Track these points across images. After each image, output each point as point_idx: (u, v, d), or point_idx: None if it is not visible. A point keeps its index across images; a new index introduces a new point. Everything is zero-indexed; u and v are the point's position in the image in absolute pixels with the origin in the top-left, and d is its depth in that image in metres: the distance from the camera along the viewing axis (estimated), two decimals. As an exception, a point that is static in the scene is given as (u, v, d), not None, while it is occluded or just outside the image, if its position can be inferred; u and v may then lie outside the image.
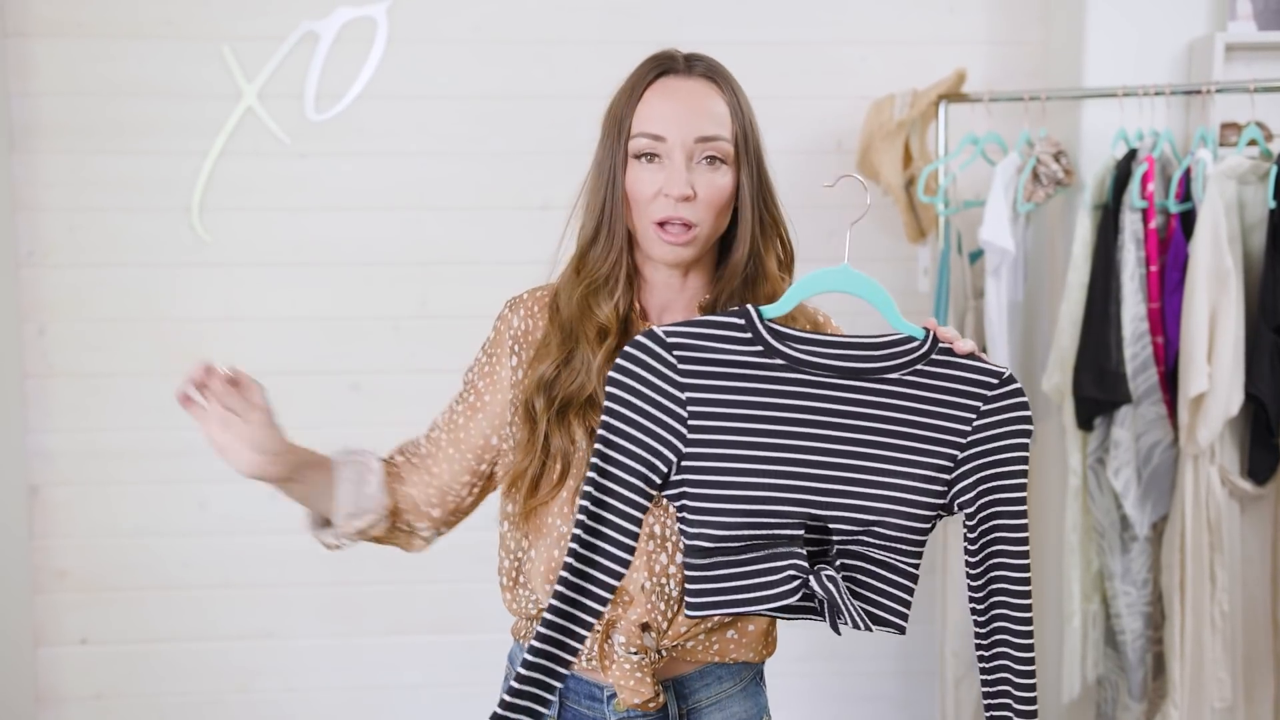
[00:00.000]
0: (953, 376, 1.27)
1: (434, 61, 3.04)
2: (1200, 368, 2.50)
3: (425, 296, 3.07)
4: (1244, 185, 2.58)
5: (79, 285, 3.00)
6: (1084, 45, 2.86)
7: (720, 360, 1.26)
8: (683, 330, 1.26)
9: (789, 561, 1.22)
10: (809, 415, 1.25)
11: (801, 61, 3.08)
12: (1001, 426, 1.26)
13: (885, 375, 1.26)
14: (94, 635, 3.09)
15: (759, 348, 1.26)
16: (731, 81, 1.43)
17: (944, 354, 1.28)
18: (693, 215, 1.37)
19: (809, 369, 1.26)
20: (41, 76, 2.96)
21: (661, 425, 1.25)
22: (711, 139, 1.37)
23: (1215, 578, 2.59)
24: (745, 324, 1.27)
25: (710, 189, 1.37)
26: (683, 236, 1.37)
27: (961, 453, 1.25)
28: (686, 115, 1.37)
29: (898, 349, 1.27)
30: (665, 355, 1.25)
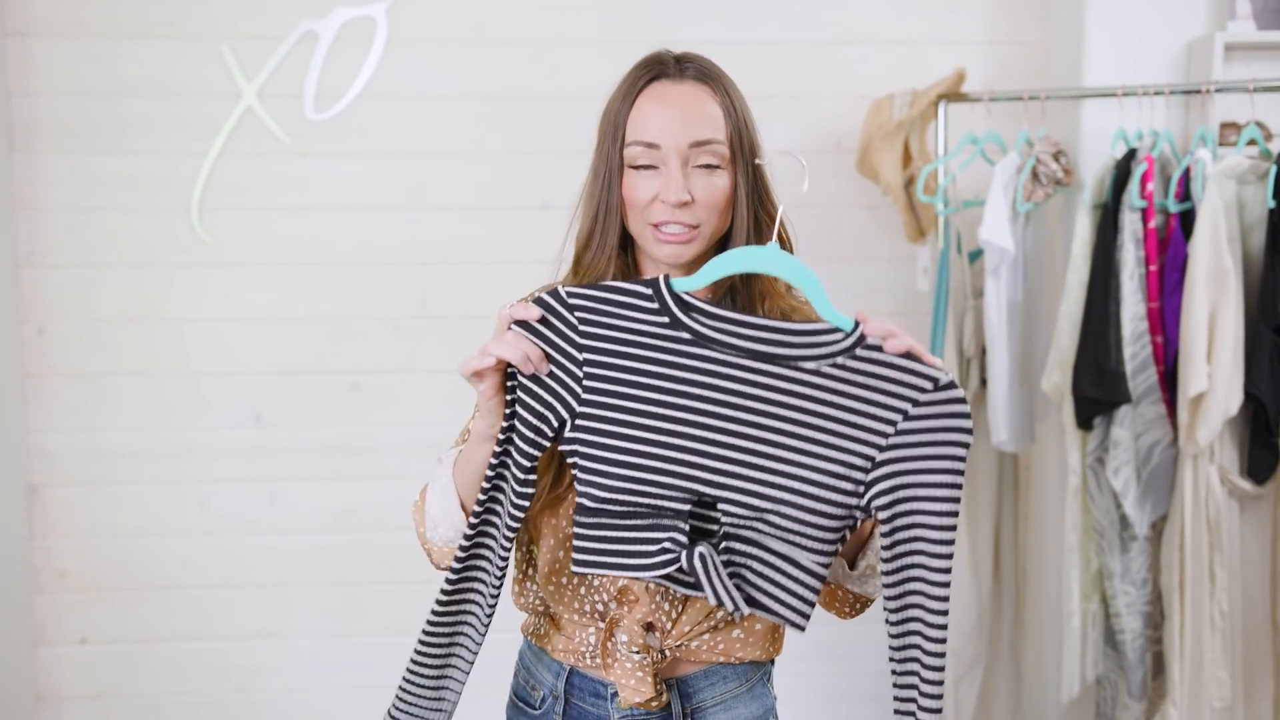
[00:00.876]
0: (879, 375, 1.21)
1: (433, 61, 3.04)
2: (1199, 367, 2.50)
3: (425, 296, 3.07)
4: (1243, 185, 2.58)
5: (78, 285, 3.00)
6: (1083, 45, 2.86)
7: (622, 327, 1.24)
8: (587, 293, 1.25)
9: (668, 534, 1.21)
10: (708, 392, 1.22)
11: (801, 61, 3.09)
12: (932, 433, 1.19)
13: (800, 363, 1.22)
14: (94, 635, 3.09)
15: (665, 319, 1.24)
16: (724, 81, 1.43)
17: (872, 350, 1.22)
18: (693, 219, 1.37)
19: (716, 346, 1.23)
20: (41, 76, 2.96)
21: (557, 381, 1.24)
22: (706, 143, 1.37)
23: (1215, 577, 2.59)
24: (653, 294, 1.25)
25: (709, 192, 1.37)
26: (683, 235, 1.38)
27: (880, 453, 1.20)
28: (680, 121, 1.37)
29: (819, 338, 1.22)
30: (566, 315, 1.25)
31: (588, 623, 1.44)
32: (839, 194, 3.11)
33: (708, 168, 1.38)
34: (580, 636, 1.45)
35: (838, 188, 3.10)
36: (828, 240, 3.14)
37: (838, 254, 3.13)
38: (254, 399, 3.07)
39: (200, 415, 3.05)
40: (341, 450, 3.09)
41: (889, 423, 1.20)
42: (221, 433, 3.06)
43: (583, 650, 1.45)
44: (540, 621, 1.51)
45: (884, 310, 3.15)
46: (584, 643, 1.45)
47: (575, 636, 1.46)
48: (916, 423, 1.19)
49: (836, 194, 3.11)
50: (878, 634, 3.26)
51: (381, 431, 3.10)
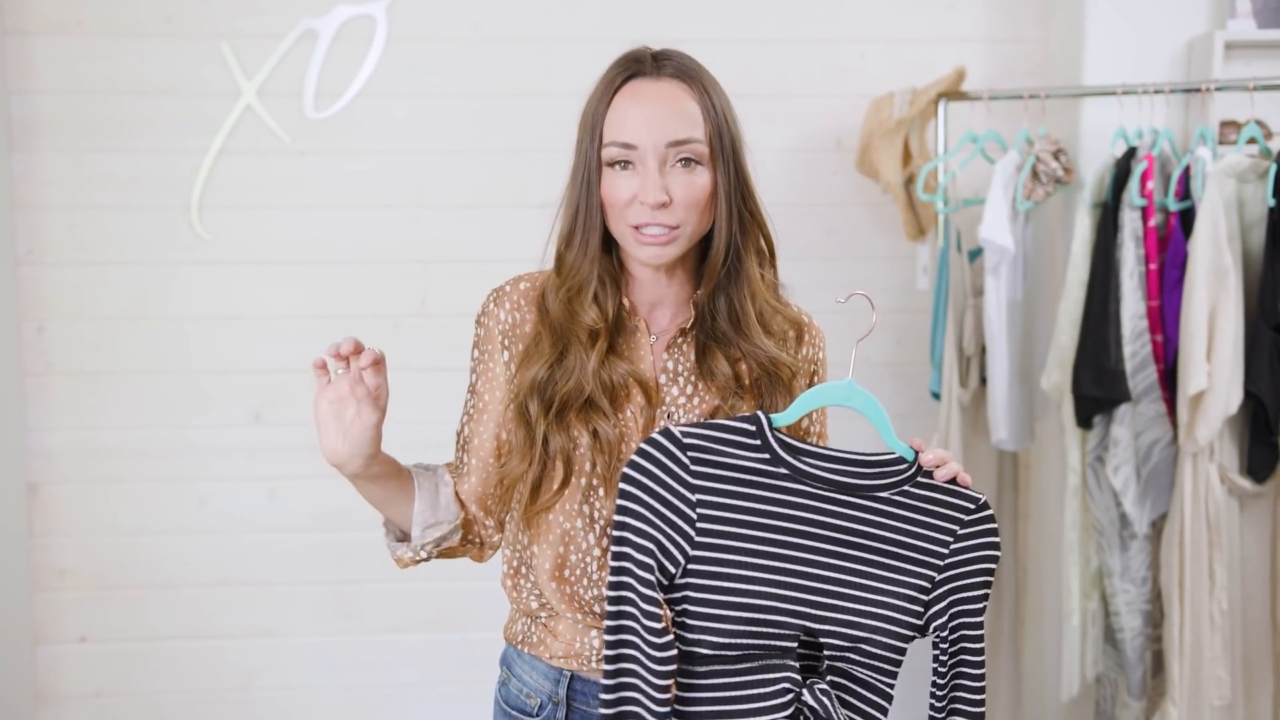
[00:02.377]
0: (934, 499, 1.31)
1: (433, 59, 3.04)
2: (1199, 365, 2.50)
3: (425, 295, 3.08)
4: (1243, 183, 2.58)
5: (78, 283, 3.00)
6: (1083, 43, 2.86)
7: (731, 465, 1.28)
8: (698, 432, 1.29)
9: (783, 674, 1.25)
10: (808, 527, 1.27)
11: (801, 59, 3.09)
12: (974, 551, 1.31)
13: (876, 493, 1.30)
14: (93, 633, 3.09)
15: (766, 455, 1.29)
16: (703, 78, 1.41)
17: (927, 476, 1.32)
18: (672, 219, 1.36)
19: (810, 481, 1.29)
20: (41, 74, 2.96)
21: (672, 526, 1.26)
22: (683, 142, 1.36)
23: (1214, 575, 2.59)
24: (756, 430, 1.30)
25: (687, 191, 1.36)
26: (663, 236, 1.37)
27: (939, 574, 1.30)
28: (657, 120, 1.36)
29: (888, 469, 1.32)
30: (680, 455, 1.27)
31: (592, 623, 1.43)
32: (839, 192, 3.11)
33: (686, 166, 1.37)
34: (583, 641, 1.44)
35: (837, 186, 3.11)
36: (827, 238, 3.14)
37: (837, 252, 3.13)
38: (254, 397, 3.07)
39: (200, 413, 3.05)
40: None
41: (944, 544, 1.30)
42: (221, 431, 3.06)
43: (586, 654, 1.44)
44: (531, 627, 1.49)
45: (883, 309, 3.14)
46: (587, 646, 1.44)
47: (577, 641, 1.45)
48: (963, 542, 1.31)
49: (836, 192, 3.11)
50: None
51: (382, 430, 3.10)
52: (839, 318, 3.39)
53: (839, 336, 3.46)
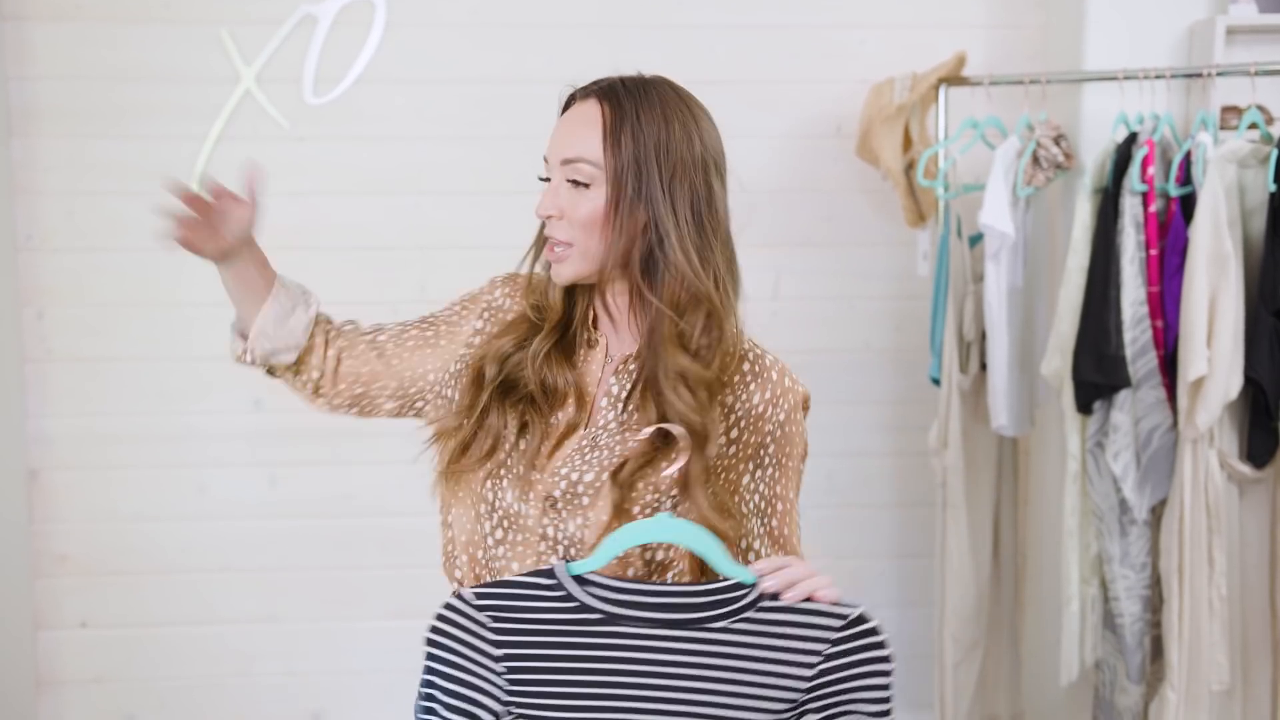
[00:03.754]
0: (787, 622, 1.22)
1: (432, 45, 3.04)
2: (1200, 351, 2.50)
3: (424, 281, 3.07)
4: (1244, 169, 2.57)
5: (78, 270, 3.01)
6: (1084, 28, 2.86)
7: (533, 619, 1.24)
8: (493, 592, 1.25)
9: None
10: (627, 667, 1.22)
11: (800, 45, 3.09)
12: (851, 668, 1.21)
13: (708, 625, 1.22)
14: (94, 619, 3.10)
15: (572, 603, 1.24)
16: (638, 103, 1.36)
17: (774, 599, 1.23)
18: (565, 235, 1.38)
19: (626, 621, 1.23)
20: (40, 60, 2.96)
21: (481, 679, 1.24)
22: (572, 161, 1.36)
23: (1213, 561, 2.59)
24: (554, 583, 1.25)
25: (574, 209, 1.37)
26: (561, 254, 1.38)
27: (804, 696, 1.21)
28: (559, 139, 1.39)
29: (722, 597, 1.23)
30: (476, 615, 1.24)
31: None
32: (839, 178, 3.11)
33: (574, 185, 1.37)
34: None
35: (837, 172, 3.11)
36: (827, 224, 3.14)
37: (837, 239, 3.13)
38: (253, 384, 3.04)
39: (200, 400, 3.06)
40: (341, 435, 3.09)
41: (807, 666, 1.21)
42: (221, 417, 3.07)
43: None
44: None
45: (883, 295, 3.17)
46: None
47: None
48: (834, 661, 1.21)
49: (836, 178, 3.11)
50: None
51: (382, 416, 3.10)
52: (837, 303, 3.39)
53: (832, 324, 3.46)
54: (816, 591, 1.22)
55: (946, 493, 2.93)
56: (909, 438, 3.19)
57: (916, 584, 3.24)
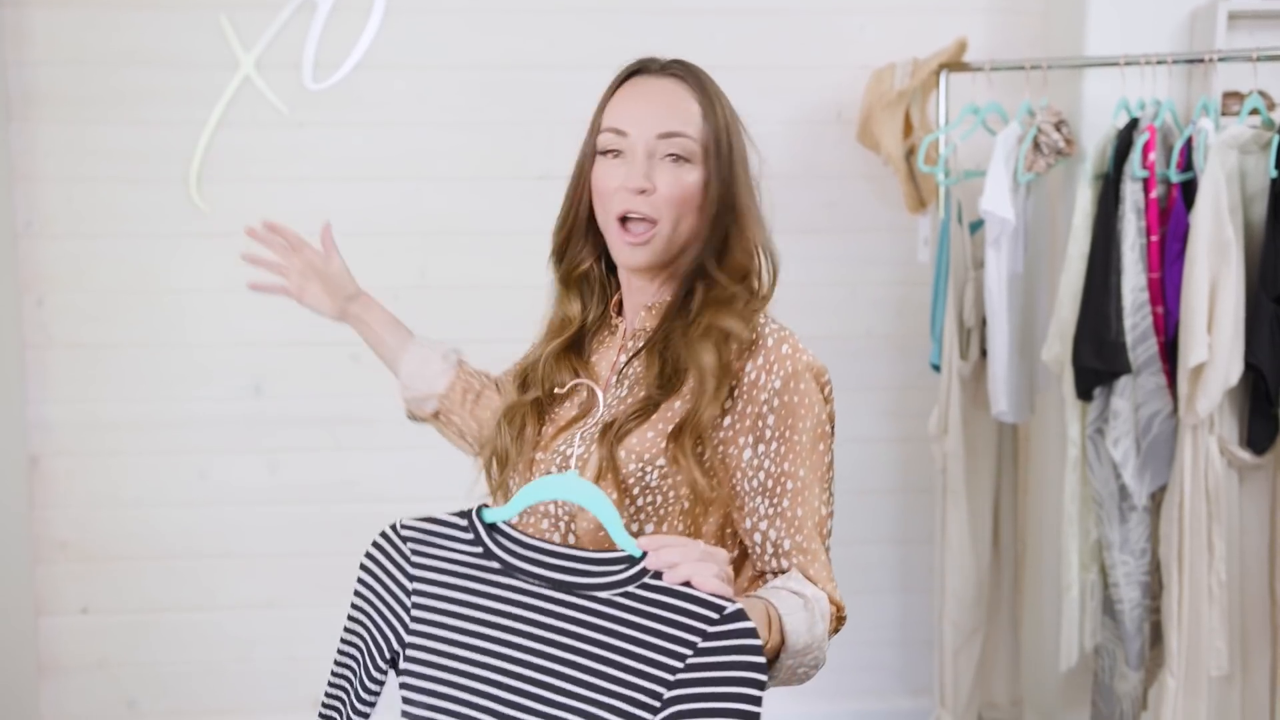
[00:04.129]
0: (666, 605, 1.15)
1: (432, 31, 3.03)
2: (1200, 338, 2.51)
3: (424, 267, 3.08)
4: (1245, 155, 2.57)
5: (77, 256, 3.01)
6: (1085, 13, 2.86)
7: (446, 559, 1.27)
8: (418, 526, 1.28)
9: None
10: (512, 621, 1.22)
11: (801, 31, 3.08)
12: (721, 669, 1.11)
13: (593, 593, 1.19)
14: (95, 605, 3.11)
15: (479, 549, 1.26)
16: (708, 85, 1.39)
17: (657, 579, 1.17)
18: (652, 210, 1.34)
19: (522, 575, 1.23)
20: (39, 45, 2.95)
21: (390, 612, 1.28)
22: (674, 135, 1.34)
23: (1213, 547, 2.60)
24: (468, 525, 1.27)
25: (672, 185, 1.34)
26: (644, 235, 1.35)
27: (668, 690, 1.13)
28: (651, 111, 1.35)
29: (608, 568, 1.19)
30: (401, 547, 1.28)
31: None
32: (839, 164, 3.11)
33: (674, 160, 1.35)
34: None
35: (838, 158, 3.10)
36: (828, 211, 3.13)
37: (838, 225, 3.13)
38: (254, 370, 3.08)
39: (200, 386, 3.06)
40: (341, 421, 3.10)
41: (678, 657, 1.13)
42: (221, 404, 3.07)
43: None
44: None
45: (883, 282, 3.17)
46: None
47: None
48: (705, 657, 1.12)
49: (837, 164, 3.11)
50: (873, 605, 3.28)
51: (381, 402, 3.08)
52: (838, 290, 3.38)
53: (833, 310, 3.46)
54: (694, 578, 1.14)
55: (947, 479, 2.94)
56: (909, 424, 3.19)
57: (917, 570, 3.25)
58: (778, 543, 1.31)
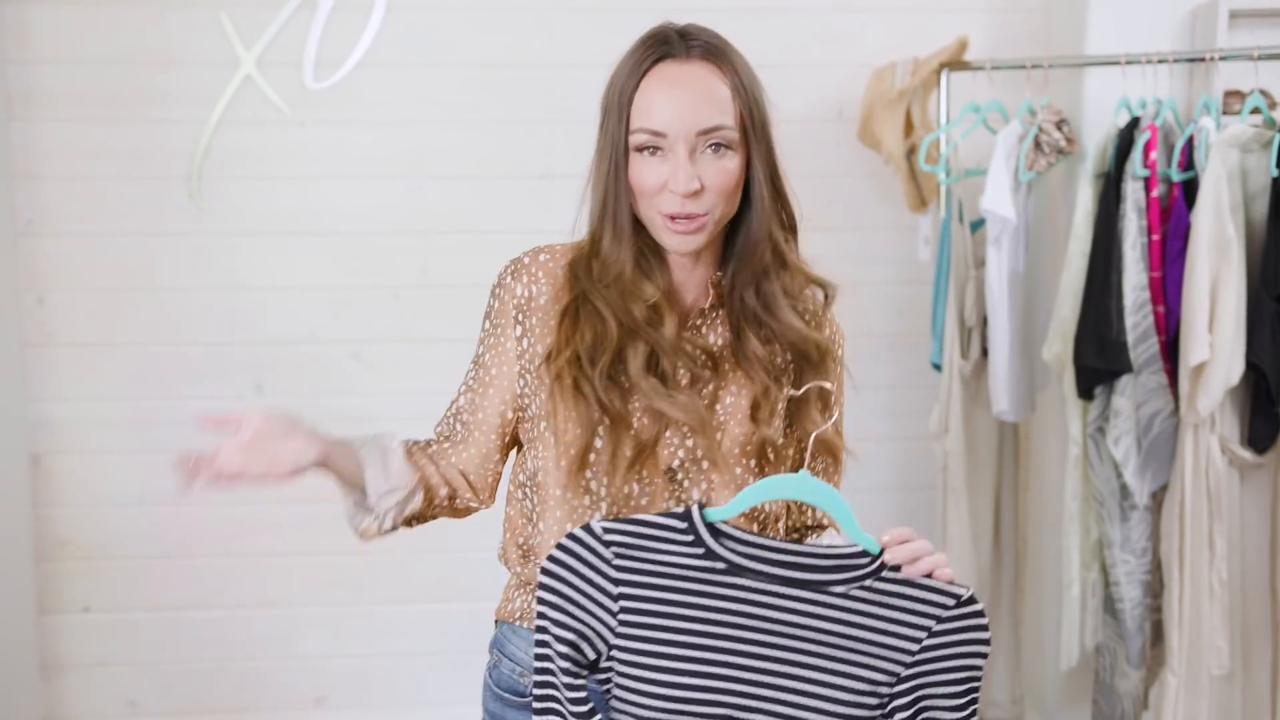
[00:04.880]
0: (904, 594, 1.25)
1: (433, 29, 3.03)
2: (1201, 337, 2.51)
3: (425, 265, 3.08)
4: (1247, 153, 2.57)
5: (78, 255, 3.01)
6: (1086, 12, 2.86)
7: (659, 561, 1.25)
8: (623, 529, 1.26)
9: None
10: (742, 619, 1.24)
11: (803, 29, 3.08)
12: (953, 647, 1.24)
13: (829, 588, 1.24)
14: (97, 603, 3.11)
15: (700, 550, 1.25)
16: (732, 56, 1.37)
17: (895, 571, 1.25)
18: (701, 207, 1.34)
19: (749, 574, 1.25)
20: (39, 44, 2.96)
21: (591, 615, 1.25)
22: (714, 129, 1.33)
23: (1214, 546, 2.60)
24: (687, 526, 1.26)
25: (719, 177, 1.34)
26: (692, 225, 1.35)
27: (905, 669, 1.24)
28: (688, 107, 1.33)
29: (846, 562, 1.25)
30: (602, 551, 1.25)
31: None
32: (840, 163, 3.11)
33: (716, 151, 1.34)
34: None
35: (839, 157, 3.10)
36: (829, 209, 3.13)
37: (839, 223, 3.13)
38: (255, 368, 3.08)
39: (201, 385, 3.07)
40: (343, 419, 3.05)
41: (914, 640, 1.24)
42: (222, 402, 3.06)
43: None
44: (532, 599, 1.47)
45: (884, 280, 3.17)
46: None
47: None
48: (940, 638, 1.24)
49: (838, 163, 3.11)
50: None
51: (383, 400, 3.11)
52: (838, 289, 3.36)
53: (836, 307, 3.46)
54: (936, 569, 1.25)
55: (947, 477, 2.93)
56: (910, 422, 3.19)
57: None
58: None
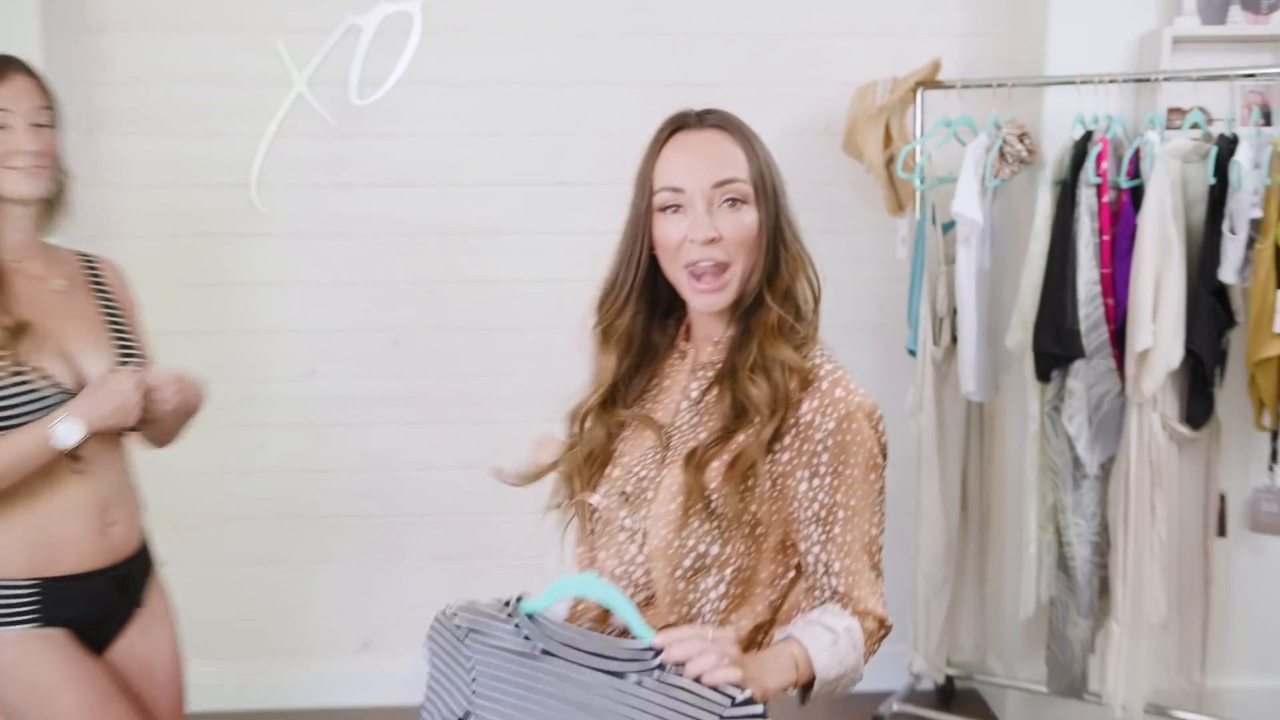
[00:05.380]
0: (688, 689, 1.17)
1: (463, 52, 3.03)
2: (1146, 326, 2.52)
3: (456, 262, 3.08)
4: (1187, 164, 2.58)
5: (151, 252, 3.02)
6: (1046, 37, 2.84)
7: (496, 640, 1.29)
8: (467, 614, 1.31)
9: None
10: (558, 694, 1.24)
11: (794, 51, 3.06)
12: None
13: (626, 676, 1.21)
14: (172, 559, 3.09)
15: (524, 635, 1.28)
16: (745, 129, 1.36)
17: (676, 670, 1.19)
18: (723, 255, 1.31)
19: (560, 659, 1.25)
20: (117, 68, 2.97)
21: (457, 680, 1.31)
22: (728, 181, 1.31)
23: (1155, 511, 2.62)
24: (510, 614, 1.29)
25: (735, 228, 1.31)
26: (717, 281, 1.31)
27: None
28: (702, 164, 1.31)
29: (636, 654, 1.21)
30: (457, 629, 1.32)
31: None
32: (827, 172, 3.10)
33: (732, 204, 1.31)
34: None
35: (826, 166, 3.09)
36: (816, 214, 3.07)
37: (826, 226, 3.10)
38: (307, 354, 3.11)
39: (260, 368, 3.09)
40: (384, 398, 3.12)
41: None
42: (279, 384, 3.10)
43: None
44: None
45: (866, 277, 3.15)
46: None
47: None
48: None
49: (825, 172, 3.10)
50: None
51: (418, 382, 3.13)
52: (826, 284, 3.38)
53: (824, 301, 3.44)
54: (705, 675, 1.14)
55: (921, 450, 2.94)
56: (889, 402, 3.10)
57: (894, 531, 3.20)
58: (828, 564, 1.30)
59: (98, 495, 1.82)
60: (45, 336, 1.76)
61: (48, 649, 1.77)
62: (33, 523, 1.76)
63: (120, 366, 1.85)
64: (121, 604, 1.92)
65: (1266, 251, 2.50)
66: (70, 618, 1.80)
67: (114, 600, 1.89)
